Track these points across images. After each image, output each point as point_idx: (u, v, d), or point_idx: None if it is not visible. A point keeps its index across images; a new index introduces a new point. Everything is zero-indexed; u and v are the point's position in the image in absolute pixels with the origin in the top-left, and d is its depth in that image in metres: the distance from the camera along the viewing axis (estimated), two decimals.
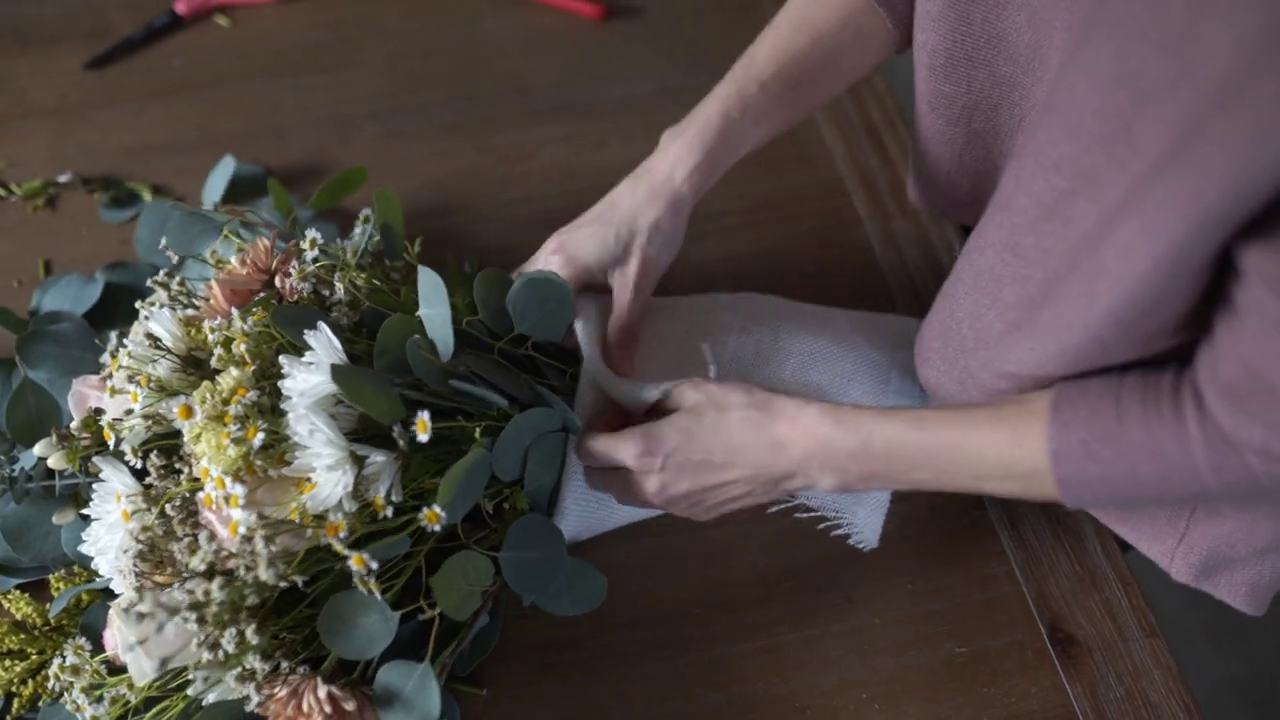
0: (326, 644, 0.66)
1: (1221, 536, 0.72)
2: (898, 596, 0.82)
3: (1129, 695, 0.78)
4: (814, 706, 0.77)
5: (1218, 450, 0.56)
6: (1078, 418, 0.61)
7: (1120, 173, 0.53)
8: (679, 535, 0.85)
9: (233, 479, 0.64)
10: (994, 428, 0.65)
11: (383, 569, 0.67)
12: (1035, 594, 0.82)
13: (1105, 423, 0.60)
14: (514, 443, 0.71)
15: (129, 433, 0.70)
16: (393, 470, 0.66)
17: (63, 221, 1.04)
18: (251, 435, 0.64)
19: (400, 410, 0.66)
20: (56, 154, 1.08)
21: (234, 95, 1.13)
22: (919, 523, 0.85)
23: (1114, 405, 0.60)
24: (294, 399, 0.65)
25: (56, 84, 1.14)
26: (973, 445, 0.66)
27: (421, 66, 1.15)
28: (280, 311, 0.69)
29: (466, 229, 1.03)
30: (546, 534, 0.73)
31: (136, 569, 0.67)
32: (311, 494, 0.64)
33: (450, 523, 0.67)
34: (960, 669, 0.79)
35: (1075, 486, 0.62)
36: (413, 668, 0.69)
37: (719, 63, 1.15)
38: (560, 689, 0.78)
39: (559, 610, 0.75)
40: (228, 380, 0.66)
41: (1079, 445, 0.61)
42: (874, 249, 1.01)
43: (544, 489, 0.76)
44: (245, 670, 0.65)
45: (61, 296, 0.93)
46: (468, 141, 1.09)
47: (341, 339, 0.67)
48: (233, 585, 0.63)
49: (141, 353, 0.72)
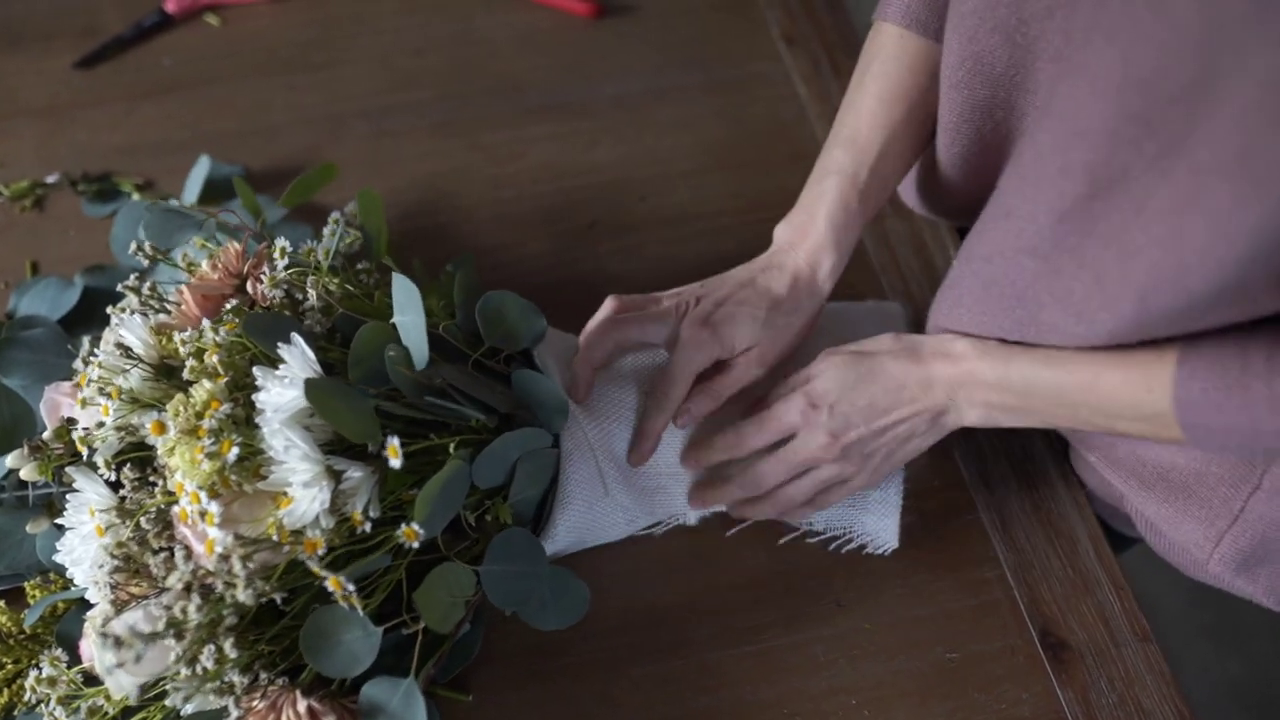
0: (310, 662, 0.66)
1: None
2: (888, 601, 0.81)
3: (1121, 701, 0.77)
4: (803, 712, 0.77)
5: None
6: (1204, 366, 0.62)
7: (1161, 178, 0.54)
8: (667, 540, 0.84)
9: (208, 495, 0.63)
10: (1125, 369, 0.66)
11: (363, 583, 0.67)
12: (1027, 598, 0.81)
13: (1230, 374, 0.61)
14: (498, 458, 0.70)
15: (102, 444, 0.69)
16: (370, 484, 0.65)
17: (50, 223, 1.03)
18: (226, 450, 0.63)
19: (375, 427, 0.65)
20: (46, 153, 1.08)
21: (224, 94, 1.12)
22: (910, 527, 0.84)
23: (1240, 357, 0.60)
24: (268, 414, 0.63)
25: (46, 83, 1.13)
26: (1106, 385, 0.67)
27: (413, 64, 1.14)
28: (252, 321, 0.68)
29: (457, 228, 1.02)
30: (528, 549, 0.73)
31: (112, 583, 0.67)
32: (288, 509, 0.63)
33: (429, 536, 0.66)
34: (951, 674, 0.78)
35: (1198, 433, 0.64)
36: (398, 683, 0.68)
37: (712, 62, 1.15)
38: (546, 694, 0.77)
39: (542, 625, 0.74)
40: (201, 393, 0.65)
41: (1201, 394, 0.62)
42: (867, 248, 1.00)
43: (529, 501, 0.75)
44: (224, 684, 0.64)
45: (39, 300, 0.92)
46: (459, 140, 1.08)
47: (315, 347, 0.66)
48: (210, 603, 0.62)
49: (112, 362, 0.71)
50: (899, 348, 0.75)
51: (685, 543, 0.84)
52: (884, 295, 0.97)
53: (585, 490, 0.77)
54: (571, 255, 1.00)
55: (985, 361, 0.72)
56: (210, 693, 0.64)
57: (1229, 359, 0.61)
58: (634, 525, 0.82)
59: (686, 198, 1.04)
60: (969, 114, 0.71)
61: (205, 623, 0.62)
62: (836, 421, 0.74)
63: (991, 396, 0.72)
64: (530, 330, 0.77)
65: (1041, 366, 0.70)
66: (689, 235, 1.01)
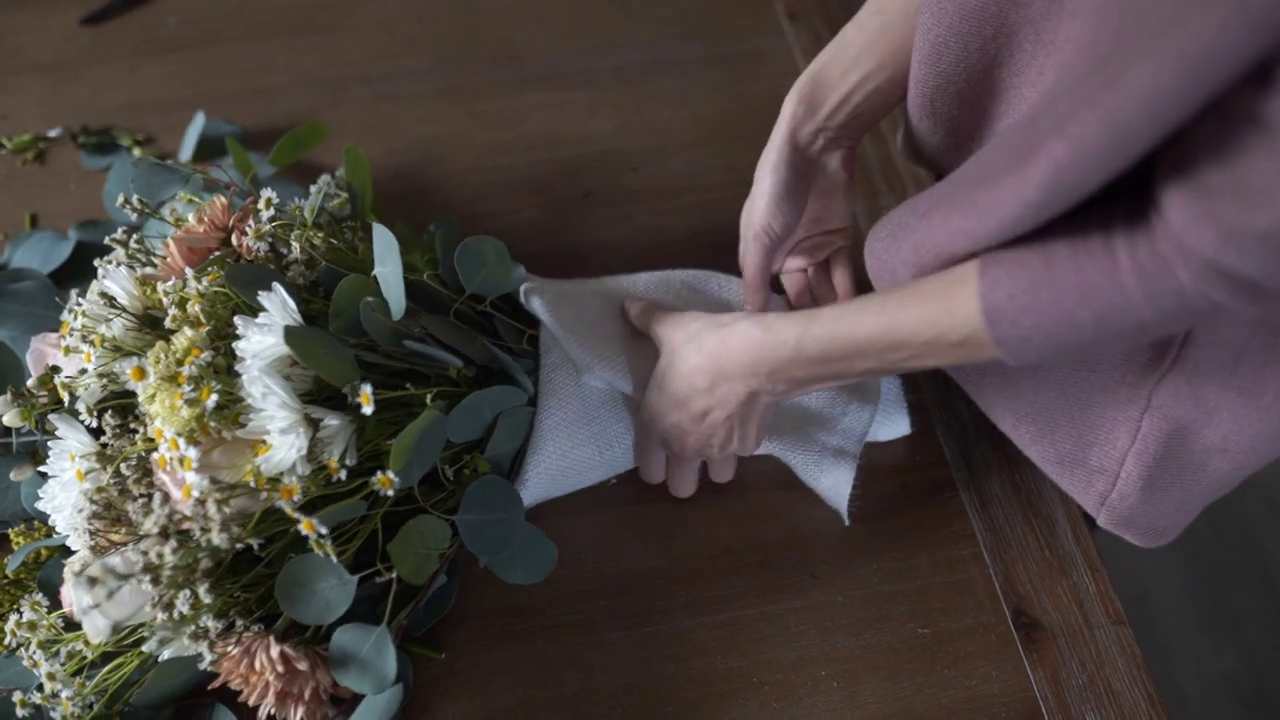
0: (285, 609, 0.67)
1: (1183, 416, 0.69)
2: (862, 575, 0.82)
3: (1091, 682, 0.77)
4: (771, 681, 0.77)
5: (1148, 275, 0.53)
6: (1005, 273, 0.59)
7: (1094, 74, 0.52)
8: (645, 506, 0.84)
9: (186, 441, 0.64)
10: (921, 303, 0.63)
11: (339, 531, 0.67)
12: (1002, 577, 0.82)
13: (1034, 273, 0.58)
14: (472, 414, 0.71)
15: (84, 391, 0.70)
16: (348, 433, 0.66)
17: (50, 176, 1.04)
18: (205, 396, 0.64)
19: (354, 372, 0.66)
20: (49, 108, 1.09)
21: (227, 55, 1.13)
22: (888, 501, 0.85)
23: (1041, 254, 0.57)
24: (248, 360, 0.64)
25: (52, 39, 1.14)
26: (904, 327, 0.64)
27: (415, 30, 1.14)
28: (235, 271, 0.69)
29: (453, 193, 1.02)
30: (504, 496, 0.73)
31: (91, 528, 0.67)
32: (266, 456, 0.64)
33: (405, 486, 0.67)
34: (922, 650, 0.79)
35: (1013, 344, 0.60)
36: (369, 630, 0.69)
37: (714, 36, 1.15)
38: (518, 654, 0.78)
39: (510, 578, 0.75)
40: (182, 341, 0.66)
41: (1008, 299, 0.59)
42: (859, 224, 1.00)
43: (506, 455, 0.76)
44: (199, 629, 0.65)
45: (33, 253, 0.93)
46: (458, 106, 1.08)
47: (298, 299, 0.67)
48: (186, 548, 0.63)
49: (96, 311, 0.72)
50: (688, 338, 0.75)
51: (662, 511, 0.84)
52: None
53: (560, 437, 0.79)
54: (564, 223, 1.00)
55: (771, 336, 0.70)
56: (185, 638, 0.65)
57: (1030, 258, 0.58)
58: (612, 468, 0.84)
59: (681, 170, 1.04)
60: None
61: (181, 567, 0.63)
62: (661, 426, 0.79)
63: (793, 370, 0.70)
64: (510, 276, 0.78)
65: (833, 325, 0.68)
66: (682, 207, 1.01)
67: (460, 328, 0.73)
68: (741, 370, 0.72)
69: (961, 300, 0.61)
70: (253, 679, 0.67)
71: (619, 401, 0.82)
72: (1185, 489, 0.72)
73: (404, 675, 0.74)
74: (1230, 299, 0.51)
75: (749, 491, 0.85)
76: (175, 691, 0.72)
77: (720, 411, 0.75)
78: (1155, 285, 0.53)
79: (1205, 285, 0.51)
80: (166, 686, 0.70)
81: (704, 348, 0.73)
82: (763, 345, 0.70)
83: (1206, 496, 0.73)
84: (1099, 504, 0.75)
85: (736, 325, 0.72)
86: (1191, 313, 0.54)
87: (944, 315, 0.62)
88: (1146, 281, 0.53)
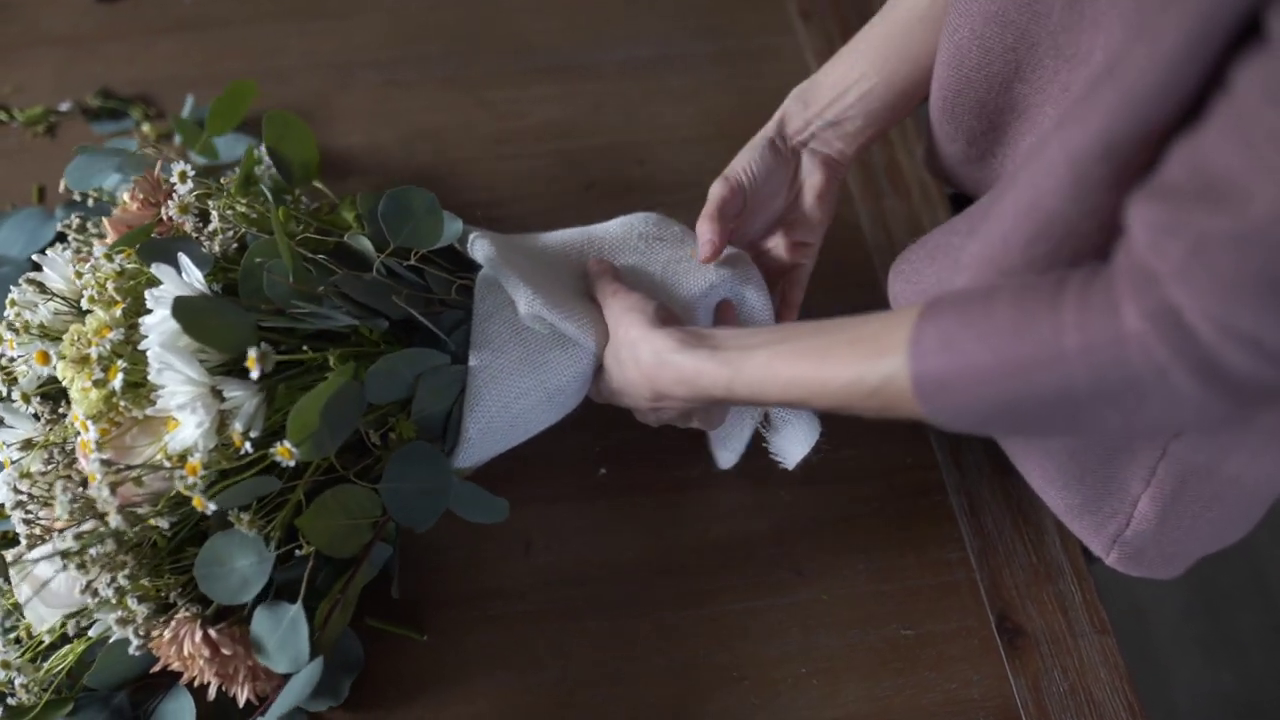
0: (202, 588, 0.65)
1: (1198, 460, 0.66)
2: (849, 574, 0.82)
3: (1072, 690, 0.77)
4: (752, 677, 0.77)
5: (1090, 314, 0.49)
6: (946, 308, 0.56)
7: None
8: (634, 496, 0.85)
9: (95, 423, 0.63)
10: (852, 345, 0.60)
11: (260, 507, 0.66)
12: (988, 582, 0.81)
13: (973, 308, 0.54)
14: (388, 377, 0.68)
15: (22, 378, 0.70)
16: (252, 404, 0.64)
17: (61, 149, 1.05)
18: (113, 376, 0.63)
19: (248, 340, 0.63)
20: (62, 83, 1.09)
21: (240, 35, 1.13)
22: (876, 502, 0.85)
23: (986, 295, 0.54)
24: (151, 336, 0.63)
25: (68, 14, 1.15)
26: (828, 369, 0.61)
27: (427, 18, 1.14)
28: (146, 246, 0.67)
29: (458, 180, 1.02)
30: (430, 462, 0.70)
31: (26, 517, 0.66)
32: (173, 433, 0.63)
33: (317, 457, 0.65)
34: (904, 651, 0.79)
35: (930, 389, 0.55)
36: (285, 610, 0.67)
37: (724, 32, 1.15)
38: (500, 639, 0.78)
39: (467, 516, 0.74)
40: (93, 322, 0.65)
41: (938, 335, 0.55)
42: (862, 226, 1.00)
43: (437, 415, 0.73)
44: (126, 614, 0.64)
45: (17, 232, 0.92)
46: (465, 95, 1.08)
47: (219, 268, 0.65)
48: (88, 534, 0.62)
49: (25, 299, 0.71)
50: (631, 353, 0.72)
51: (652, 502, 0.84)
52: (874, 273, 0.97)
53: (500, 388, 0.74)
54: (567, 215, 1.00)
55: (703, 382, 0.67)
56: (113, 623, 0.64)
57: (974, 296, 0.55)
58: (563, 410, 0.79)
59: (686, 165, 1.04)
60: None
61: (106, 553, 0.62)
62: (621, 399, 0.76)
63: (727, 398, 0.69)
64: (439, 229, 0.75)
65: (763, 370, 0.65)
66: (685, 201, 1.00)
67: (378, 282, 0.71)
68: (679, 395, 0.70)
69: (894, 339, 0.57)
70: (189, 662, 0.66)
71: (566, 344, 0.76)
72: (1196, 517, 0.70)
73: (352, 651, 0.74)
74: (1173, 357, 0.47)
75: (736, 486, 0.85)
76: (129, 671, 0.71)
77: (673, 404, 0.73)
78: (1095, 329, 0.49)
79: (1152, 331, 0.47)
80: (119, 666, 0.69)
81: (640, 364, 0.71)
82: (695, 384, 0.68)
83: (1217, 525, 0.71)
84: (1110, 544, 0.74)
85: (669, 358, 0.69)
86: (1126, 379, 0.49)
87: (872, 354, 0.59)
88: (1086, 323, 0.50)
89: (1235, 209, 0.44)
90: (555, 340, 0.75)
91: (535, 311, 0.74)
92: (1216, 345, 0.46)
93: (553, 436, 0.80)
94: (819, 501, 0.85)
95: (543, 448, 0.81)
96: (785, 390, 0.64)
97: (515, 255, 0.77)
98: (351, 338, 0.70)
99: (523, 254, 0.79)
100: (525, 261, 0.77)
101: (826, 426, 0.80)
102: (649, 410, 0.76)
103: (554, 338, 0.76)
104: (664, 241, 0.83)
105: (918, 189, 1.02)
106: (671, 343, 0.69)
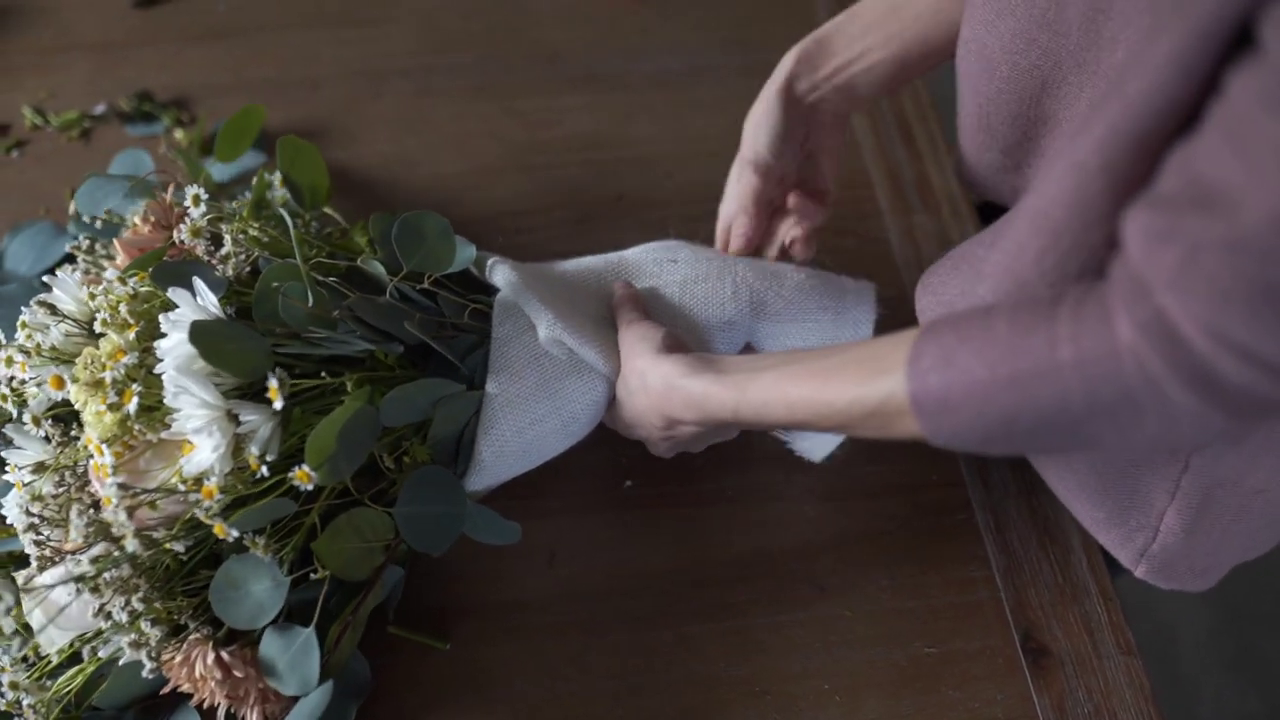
0: (217, 612, 0.65)
1: (1222, 472, 0.66)
2: (872, 591, 0.81)
3: (1097, 712, 0.76)
4: (773, 692, 0.77)
5: (1084, 325, 0.49)
6: (945, 326, 0.56)
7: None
8: (659, 509, 0.84)
9: (109, 446, 0.63)
10: (854, 366, 0.61)
11: (274, 530, 0.66)
12: (1013, 601, 0.81)
13: (970, 327, 0.54)
14: (404, 404, 0.68)
15: (33, 401, 0.70)
16: (269, 427, 0.64)
17: (94, 154, 1.06)
18: (127, 399, 0.63)
19: (265, 364, 0.64)
20: (95, 88, 1.11)
21: (272, 43, 1.14)
22: (901, 518, 0.84)
23: (985, 312, 0.55)
24: (166, 361, 0.63)
25: (103, 19, 1.16)
26: (829, 394, 0.62)
27: (457, 26, 1.15)
28: (160, 269, 0.68)
29: (487, 190, 1.03)
30: (445, 486, 0.70)
31: (36, 539, 0.66)
32: (188, 457, 0.63)
33: (334, 481, 0.65)
34: (927, 669, 0.78)
35: (927, 406, 0.55)
36: (297, 633, 0.67)
37: (754, 45, 1.15)
38: (520, 651, 0.78)
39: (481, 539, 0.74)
40: (107, 345, 0.65)
41: (936, 352, 0.55)
42: (890, 241, 1.00)
43: (450, 436, 0.73)
44: (139, 637, 0.64)
45: (28, 246, 0.93)
46: (495, 104, 1.09)
47: (233, 292, 0.65)
48: (104, 558, 0.62)
49: (36, 320, 0.71)
50: (641, 384, 0.73)
51: (675, 516, 0.84)
52: (903, 288, 0.96)
53: (516, 414, 0.75)
54: (595, 226, 1.01)
55: (710, 405, 0.68)
56: (126, 646, 0.64)
57: (973, 314, 0.55)
58: (576, 438, 0.80)
59: (716, 178, 1.03)
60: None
61: (120, 576, 0.62)
62: (633, 431, 0.78)
63: (734, 420, 0.69)
64: (452, 253, 0.75)
65: (769, 390, 0.65)
66: (713, 213, 1.00)
67: (392, 306, 0.71)
68: (689, 420, 0.71)
69: (895, 358, 0.58)
70: (199, 684, 0.66)
71: (582, 372, 0.76)
72: (1224, 530, 0.70)
73: (360, 677, 0.74)
74: (1166, 368, 0.47)
75: (760, 501, 0.85)
76: (138, 692, 0.71)
77: (684, 430, 0.74)
78: (1088, 341, 0.49)
79: (1145, 342, 0.47)
80: (129, 687, 0.69)
81: (650, 391, 0.72)
82: (703, 408, 0.69)
83: (1246, 536, 0.71)
84: (1138, 557, 0.74)
85: (678, 383, 0.70)
86: (1120, 392, 0.49)
87: (873, 374, 0.59)
88: (1080, 335, 0.50)
89: (1228, 216, 0.44)
90: (572, 367, 0.76)
91: (556, 335, 0.75)
92: (1210, 355, 0.46)
93: (581, 449, 0.81)
94: (843, 517, 0.84)
95: (571, 459, 0.81)
96: (790, 411, 0.65)
97: (536, 281, 0.78)
98: (366, 362, 0.71)
99: (543, 281, 0.79)
100: (546, 288, 0.78)
101: (852, 442, 0.80)
102: (660, 440, 0.77)
103: (571, 365, 0.76)
104: (678, 264, 0.83)
105: (947, 204, 1.02)
106: (680, 368, 0.70)
